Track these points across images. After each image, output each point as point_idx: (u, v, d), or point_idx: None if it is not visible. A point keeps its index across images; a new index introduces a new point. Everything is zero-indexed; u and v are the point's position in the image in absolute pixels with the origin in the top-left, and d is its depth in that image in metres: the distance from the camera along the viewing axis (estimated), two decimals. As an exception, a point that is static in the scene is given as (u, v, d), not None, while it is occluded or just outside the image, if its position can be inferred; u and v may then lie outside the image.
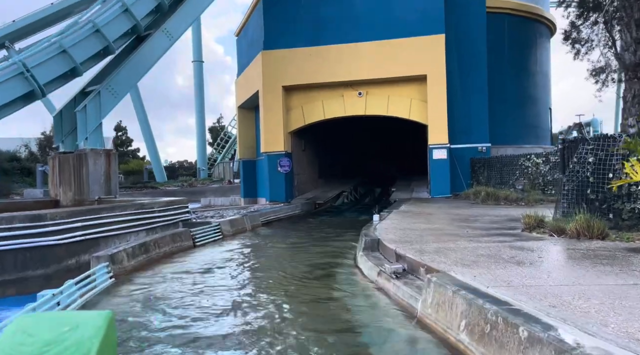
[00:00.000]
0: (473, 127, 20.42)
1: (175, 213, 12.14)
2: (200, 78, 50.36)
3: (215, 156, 59.07)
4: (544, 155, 17.26)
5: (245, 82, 24.40)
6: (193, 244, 10.73)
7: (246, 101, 24.63)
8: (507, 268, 5.11)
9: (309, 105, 21.41)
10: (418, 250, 6.51)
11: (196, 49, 51.05)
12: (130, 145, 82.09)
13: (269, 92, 21.19)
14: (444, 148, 19.65)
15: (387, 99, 20.56)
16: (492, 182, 19.10)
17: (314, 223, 15.72)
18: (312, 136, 24.62)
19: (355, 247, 10.06)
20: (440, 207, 14.63)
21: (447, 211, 12.91)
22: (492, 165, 19.23)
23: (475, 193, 17.64)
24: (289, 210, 17.41)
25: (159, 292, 6.69)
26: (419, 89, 20.22)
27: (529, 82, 22.79)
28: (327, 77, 20.61)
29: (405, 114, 20.53)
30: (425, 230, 8.70)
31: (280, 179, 21.07)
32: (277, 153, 21.16)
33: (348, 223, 15.40)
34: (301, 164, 23.27)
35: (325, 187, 25.71)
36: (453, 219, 10.69)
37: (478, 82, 20.31)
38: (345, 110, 21.01)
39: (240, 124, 26.48)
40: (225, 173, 42.03)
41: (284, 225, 15.27)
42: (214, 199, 28.30)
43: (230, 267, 8.35)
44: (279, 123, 21.11)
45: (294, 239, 11.89)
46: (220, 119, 76.62)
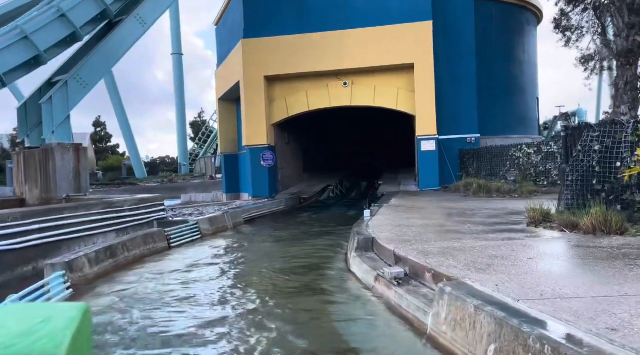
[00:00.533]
0: (461, 118, 19.74)
1: (149, 211, 11.16)
2: (180, 71, 48.94)
3: (197, 151, 57.74)
4: (535, 146, 16.66)
5: (226, 73, 23.33)
6: (168, 246, 9.77)
7: (227, 93, 23.57)
8: (531, 274, 4.32)
9: (292, 97, 20.47)
10: (420, 251, 5.70)
11: (175, 41, 49.57)
12: (109, 141, 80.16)
13: (251, 83, 20.19)
14: (433, 139, 18.93)
15: (374, 89, 19.74)
16: (482, 173, 18.47)
17: (299, 219, 14.85)
18: (296, 129, 23.70)
19: (345, 246, 9.23)
20: (431, 200, 13.88)
21: (440, 205, 12.16)
22: (482, 157, 18.59)
23: (466, 185, 16.95)
24: (273, 206, 16.51)
25: (123, 306, 5.76)
26: (406, 78, 19.43)
27: (517, 71, 22.19)
28: (311, 67, 19.69)
29: (392, 104, 19.74)
30: (422, 226, 7.90)
31: (264, 174, 20.14)
32: (260, 146, 20.21)
33: (336, 219, 14.57)
34: (285, 158, 22.36)
35: (311, 181, 24.85)
36: (449, 213, 9.93)
37: (466, 71, 19.61)
38: (330, 101, 20.13)
39: (221, 117, 25.40)
40: (207, 168, 40.86)
41: (268, 222, 14.38)
42: (195, 195, 27.23)
43: (207, 272, 7.44)
44: (261, 115, 20.15)
45: (278, 237, 11.00)
46: (202, 114, 75.09)
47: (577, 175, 9.06)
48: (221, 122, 25.47)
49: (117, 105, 46.17)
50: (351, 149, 33.98)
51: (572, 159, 9.20)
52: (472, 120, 19.63)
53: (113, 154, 74.51)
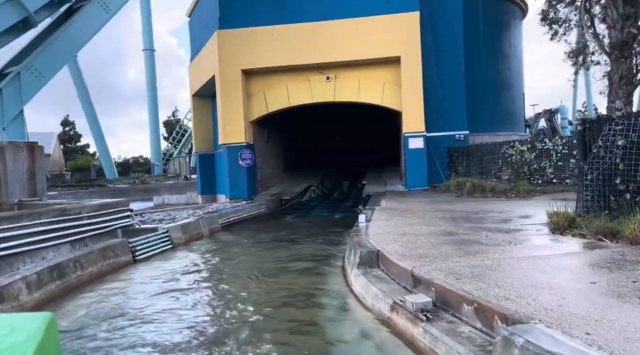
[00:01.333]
0: (450, 114, 18.76)
1: (112, 219, 9.69)
2: (152, 68, 46.84)
3: (171, 151, 55.66)
4: (529, 142, 15.77)
5: (200, 67, 21.81)
6: (133, 259, 8.36)
7: (201, 88, 22.06)
8: (616, 307, 3.18)
9: (272, 91, 19.13)
10: (446, 270, 4.51)
11: (147, 36, 47.45)
12: (79, 141, 77.17)
13: (227, 77, 18.76)
14: (421, 136, 17.87)
15: (358, 83, 18.57)
16: (472, 172, 17.52)
17: (282, 224, 13.54)
18: (276, 126, 22.36)
19: (339, 257, 8.00)
20: (425, 201, 12.77)
21: (438, 207, 11.05)
22: (472, 154, 17.63)
23: (458, 185, 15.94)
24: (252, 209, 15.16)
25: (67, 346, 4.39)
26: (393, 72, 18.33)
27: (504, 66, 21.36)
28: (291, 60, 18.39)
29: (377, 100, 18.61)
30: (432, 235, 6.74)
31: (242, 174, 18.76)
32: (237, 145, 18.80)
33: (322, 223, 13.33)
34: (265, 157, 21.00)
35: (291, 181, 23.55)
36: (453, 217, 8.81)
37: (455, 66, 18.63)
38: (312, 96, 18.87)
39: (195, 114, 23.85)
40: (182, 168, 39.06)
41: (248, 227, 13.03)
42: (169, 197, 25.59)
43: (175, 295, 6.10)
44: (238, 111, 18.75)
45: (260, 247, 9.69)
46: (176, 112, 72.94)
47: (597, 173, 8.07)
48: (195, 120, 23.92)
49: (86, 104, 43.87)
50: (333, 147, 32.80)
51: (591, 156, 8.19)
52: (461, 116, 18.67)
53: (83, 154, 71.64)
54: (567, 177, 14.62)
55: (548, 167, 15.11)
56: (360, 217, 8.61)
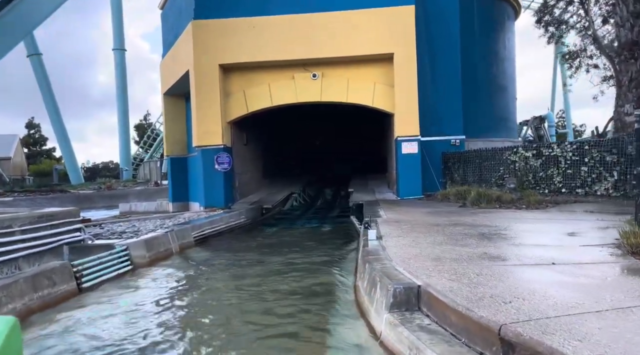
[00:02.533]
0: (444, 117, 17.28)
1: (56, 233, 7.65)
2: (122, 68, 44.27)
3: (142, 156, 52.90)
4: (534, 148, 14.39)
5: (173, 62, 19.78)
6: (77, 287, 6.36)
7: (174, 86, 20.00)
8: None
9: (252, 89, 17.27)
10: (567, 330, 2.80)
11: (117, 35, 44.89)
12: (44, 144, 73.36)
13: (203, 72, 16.82)
14: (415, 141, 16.30)
15: (347, 82, 16.90)
16: (470, 179, 16.04)
17: (265, 238, 11.61)
18: (256, 127, 20.49)
19: (346, 287, 6.20)
20: (430, 213, 11.11)
21: (450, 219, 9.38)
22: (469, 161, 16.15)
23: (458, 194, 14.39)
24: (230, 220, 13.21)
25: None
26: (384, 71, 16.74)
27: (499, 70, 20.08)
28: (274, 55, 16.60)
29: (367, 100, 16.97)
30: (476, 260, 5.02)
31: (218, 180, 16.78)
32: (213, 147, 16.84)
33: (311, 237, 11.48)
34: (243, 161, 19.07)
35: (271, 188, 21.65)
36: (481, 233, 7.12)
37: (450, 66, 17.19)
38: (297, 95, 17.10)
39: (167, 115, 21.72)
40: (152, 174, 36.59)
41: (225, 242, 11.06)
42: (137, 204, 23.30)
43: (127, 349, 4.19)
44: (215, 111, 16.80)
45: (242, 270, 7.74)
46: (148, 116, 69.98)
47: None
48: (167, 121, 21.79)
49: (50, 105, 40.98)
50: (313, 152, 31.06)
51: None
52: (457, 120, 17.21)
53: (49, 158, 68.01)
54: (579, 186, 13.25)
55: (556, 175, 13.71)
56: (369, 234, 6.84)
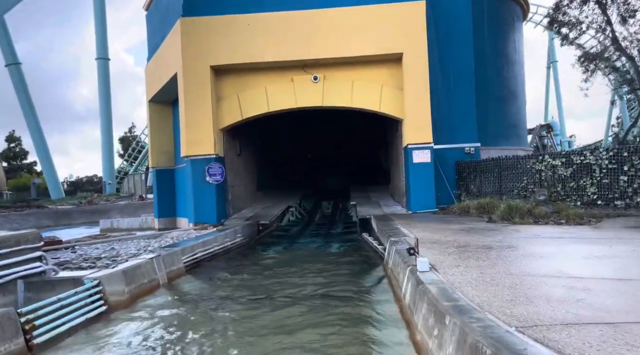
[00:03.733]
0: (457, 124, 15.78)
1: (7, 264, 5.80)
2: (105, 78, 42.21)
3: (127, 169, 50.65)
4: (563, 156, 12.91)
5: (159, 66, 18.01)
6: (26, 345, 4.52)
7: (160, 92, 18.21)
8: None
9: (247, 93, 15.56)
10: None
11: (100, 44, 42.90)
12: (25, 158, 70.59)
13: (192, 74, 15.08)
14: (427, 149, 14.71)
15: (351, 85, 15.30)
16: (487, 191, 14.48)
17: (268, 262, 9.76)
18: (249, 136, 18.75)
19: (392, 341, 4.46)
20: (462, 230, 9.45)
21: (495, 239, 7.72)
22: (488, 170, 14.61)
23: (480, 207, 12.82)
24: (226, 240, 11.38)
25: None
26: (393, 72, 15.20)
27: (510, 74, 18.71)
28: (271, 55, 14.96)
29: (374, 105, 15.37)
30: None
31: (210, 193, 14.96)
32: (204, 157, 15.04)
33: (321, 259, 9.70)
34: (236, 173, 17.28)
35: (266, 201, 19.86)
36: (588, 257, 5.47)
37: (463, 68, 15.73)
38: (296, 100, 15.43)
39: (152, 123, 19.87)
40: (137, 187, 34.46)
41: (222, 268, 9.20)
42: (119, 221, 21.28)
43: None
44: (206, 117, 15.04)
45: (248, 311, 5.91)
46: (133, 128, 67.65)
47: None
48: (153, 130, 19.93)
49: (30, 118, 38.79)
50: (310, 162, 29.41)
51: None
52: (471, 126, 15.71)
53: (29, 172, 65.26)
54: (617, 197, 11.77)
55: (589, 186, 12.22)
56: (420, 263, 5.13)
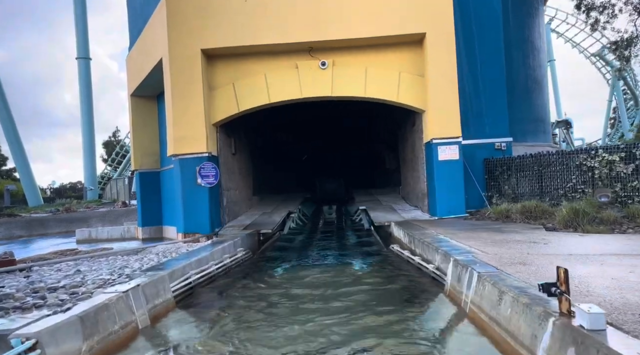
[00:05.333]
0: (486, 116, 13.70)
1: None
2: (87, 78, 39.46)
3: (111, 174, 47.83)
4: (622, 150, 10.86)
5: (141, 52, 15.63)
6: None
7: (144, 83, 15.82)
8: None
9: (244, 82, 13.27)
10: None
11: (81, 44, 40.19)
12: (4, 164, 67.28)
13: (180, 59, 12.75)
14: (455, 144, 12.56)
15: (365, 72, 13.11)
16: (524, 192, 12.39)
17: (282, 288, 7.32)
18: (245, 132, 16.47)
19: None
20: (532, 241, 7.29)
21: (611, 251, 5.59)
22: (525, 168, 12.52)
23: (525, 211, 10.69)
24: (224, 255, 9.04)
25: None
26: (413, 56, 13.07)
27: (535, 62, 16.70)
28: (272, 37, 12.71)
29: (391, 94, 13.19)
30: None
31: (202, 198, 12.60)
32: (195, 156, 12.69)
33: (347, 283, 7.34)
34: (232, 174, 14.94)
35: (263, 206, 17.53)
36: None
37: (492, 53, 13.68)
38: (301, 89, 13.17)
39: (134, 120, 17.42)
40: (120, 193, 31.78)
41: (224, 300, 6.78)
42: (98, 230, 18.74)
43: None
44: (197, 109, 12.71)
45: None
46: (117, 133, 64.59)
47: None
48: (135, 128, 17.47)
49: (7, 123, 36.02)
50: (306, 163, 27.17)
51: None
52: (501, 118, 13.64)
53: (9, 178, 61.96)
54: (696, 198, 9.74)
55: (657, 185, 10.18)
56: (586, 316, 2.91)
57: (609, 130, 51.79)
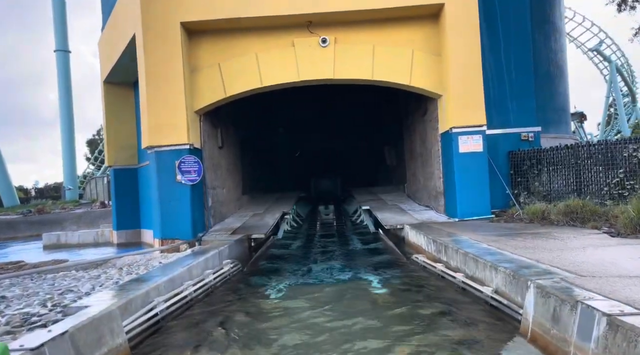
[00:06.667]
0: (511, 102, 11.86)
1: None
2: (65, 71, 36.95)
3: (94, 173, 45.36)
4: (682, 137, 9.07)
5: (113, 33, 13.54)
6: None
7: (117, 67, 13.71)
8: None
9: (232, 62, 11.25)
10: None
11: (59, 35, 37.63)
12: (-18, 163, 64.20)
13: (156, 34, 10.70)
14: (478, 133, 10.70)
15: (372, 50, 11.17)
16: (561, 189, 10.58)
17: (277, 318, 5.36)
18: (234, 123, 14.47)
19: None
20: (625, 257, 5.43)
21: None
22: (558, 162, 10.68)
23: (569, 212, 8.84)
24: (207, 270, 7.05)
25: None
26: (427, 32, 11.18)
27: (557, 45, 14.91)
28: (264, 8, 10.73)
29: (402, 76, 11.27)
30: None
31: (183, 197, 10.56)
32: (174, 148, 10.65)
33: (370, 313, 5.41)
34: (218, 171, 12.91)
35: (255, 207, 15.52)
36: None
37: (517, 30, 11.83)
38: (298, 71, 11.19)
39: (108, 110, 15.30)
40: (100, 192, 29.48)
41: (199, 336, 4.87)
42: (67, 234, 16.57)
43: None
44: (176, 94, 10.67)
45: None
46: (101, 131, 61.84)
47: None
48: (109, 119, 15.34)
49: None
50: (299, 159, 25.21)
51: None
52: (528, 105, 11.82)
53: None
54: None
55: None
56: None
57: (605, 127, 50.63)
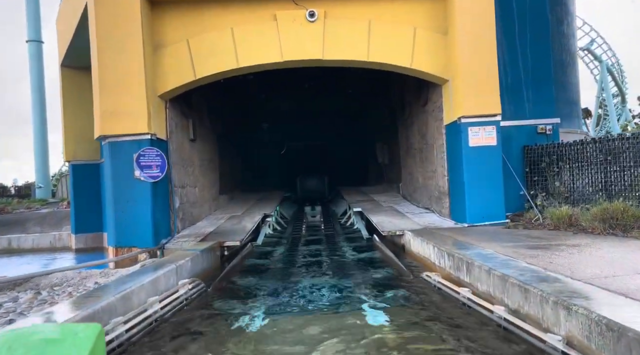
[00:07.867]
0: (526, 90, 10.30)
1: None
2: (38, 62, 34.42)
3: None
4: None
5: (68, 9, 11.66)
6: None
7: (73, 47, 11.82)
8: None
9: (203, 38, 9.47)
10: None
11: (32, 25, 35.08)
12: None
13: (109, 3, 8.88)
14: (492, 124, 9.11)
15: (368, 27, 9.50)
16: (587, 190, 9.04)
17: None
18: (209, 114, 12.66)
19: None
20: None
21: None
22: (583, 158, 9.15)
23: (606, 218, 7.32)
24: (158, 287, 5.29)
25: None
26: (431, 7, 9.55)
27: (569, 30, 13.42)
28: (243, -26, 9.01)
29: (403, 58, 9.62)
30: None
31: (142, 197, 8.74)
32: (132, 139, 8.84)
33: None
34: (189, 167, 11.09)
35: (233, 208, 13.73)
36: None
37: (533, 10, 10.28)
38: (281, 50, 9.46)
39: (66, 96, 13.35)
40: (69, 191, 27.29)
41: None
42: (21, 238, 14.56)
43: None
44: (134, 74, 8.85)
45: None
46: (80, 126, 59.32)
47: None
48: (67, 107, 13.39)
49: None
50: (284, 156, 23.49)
51: None
52: (546, 94, 10.28)
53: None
54: None
55: None
56: None
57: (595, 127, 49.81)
